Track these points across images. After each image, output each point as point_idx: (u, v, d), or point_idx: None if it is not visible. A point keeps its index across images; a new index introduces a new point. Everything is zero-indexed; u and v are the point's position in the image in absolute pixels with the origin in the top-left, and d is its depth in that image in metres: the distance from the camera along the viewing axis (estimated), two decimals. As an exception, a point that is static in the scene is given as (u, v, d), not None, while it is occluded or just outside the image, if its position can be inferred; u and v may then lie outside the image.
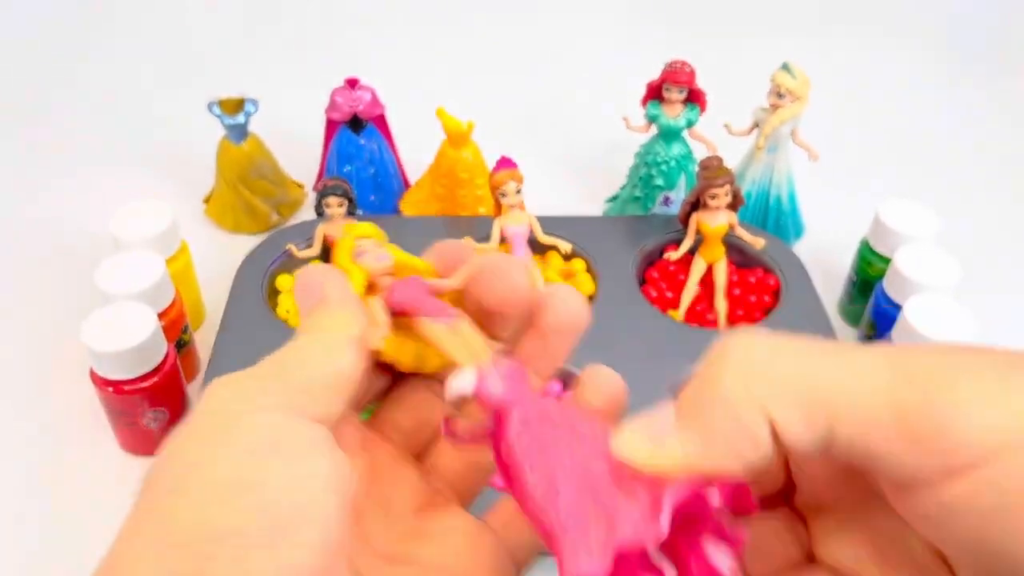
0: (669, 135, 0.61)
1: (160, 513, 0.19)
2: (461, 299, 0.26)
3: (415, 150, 0.67)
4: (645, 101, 0.60)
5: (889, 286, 0.53)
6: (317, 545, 0.19)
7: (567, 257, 0.59)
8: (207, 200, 0.68)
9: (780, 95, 0.59)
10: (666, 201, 0.63)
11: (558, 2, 1.00)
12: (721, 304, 0.56)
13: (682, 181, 0.63)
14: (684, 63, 0.58)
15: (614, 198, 0.67)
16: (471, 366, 0.23)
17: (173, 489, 0.19)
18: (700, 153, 0.62)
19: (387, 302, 0.25)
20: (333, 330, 0.23)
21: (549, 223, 0.60)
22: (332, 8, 0.97)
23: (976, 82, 0.90)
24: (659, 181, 0.62)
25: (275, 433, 0.20)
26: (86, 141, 0.77)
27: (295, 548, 0.18)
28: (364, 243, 0.27)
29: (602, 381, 0.26)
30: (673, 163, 0.62)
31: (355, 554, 0.22)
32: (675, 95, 0.59)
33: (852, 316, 0.60)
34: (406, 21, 0.95)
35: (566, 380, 0.51)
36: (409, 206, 0.66)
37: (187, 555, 0.18)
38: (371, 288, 0.27)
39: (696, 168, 0.58)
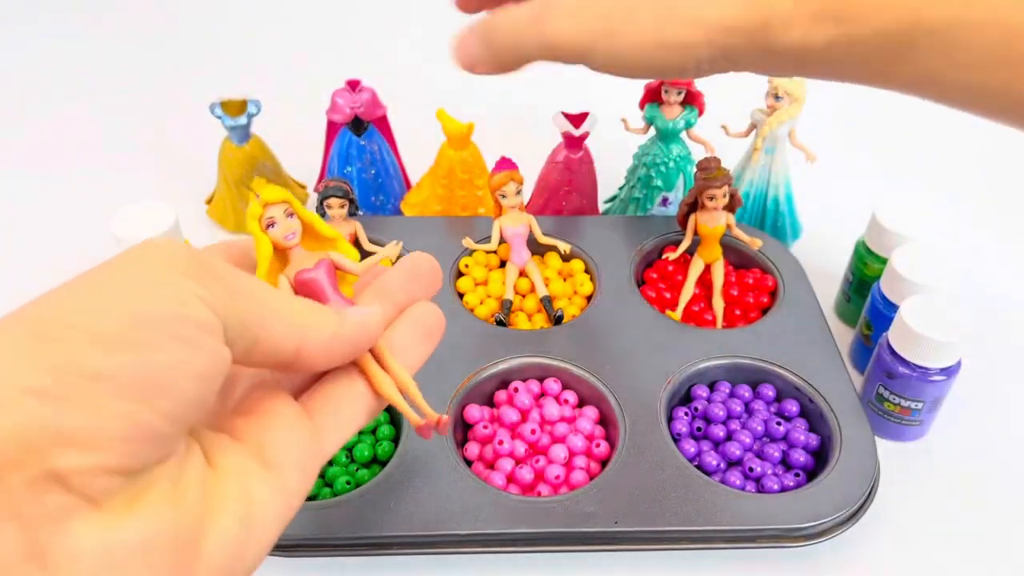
0: (667, 137, 0.61)
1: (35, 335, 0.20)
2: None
3: (416, 151, 0.67)
4: (643, 103, 0.61)
5: (886, 286, 0.53)
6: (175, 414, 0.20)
7: (566, 257, 0.59)
8: (209, 201, 0.68)
9: (777, 97, 0.59)
10: (664, 202, 0.64)
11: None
12: (719, 304, 0.57)
13: (680, 182, 0.63)
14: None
15: (612, 199, 0.68)
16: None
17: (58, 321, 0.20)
18: (698, 154, 0.62)
19: (293, 284, 0.28)
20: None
21: (548, 223, 0.61)
22: (334, 10, 0.98)
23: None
24: (657, 182, 0.63)
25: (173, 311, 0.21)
26: (88, 142, 0.78)
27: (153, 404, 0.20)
28: (274, 212, 0.28)
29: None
30: (671, 164, 0.62)
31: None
32: (673, 97, 0.59)
33: (849, 316, 0.61)
34: (407, 22, 0.96)
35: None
36: (410, 207, 0.66)
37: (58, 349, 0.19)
38: (281, 255, 0.28)
39: (694, 169, 0.58)
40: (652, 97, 0.60)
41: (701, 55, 0.29)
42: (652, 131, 0.62)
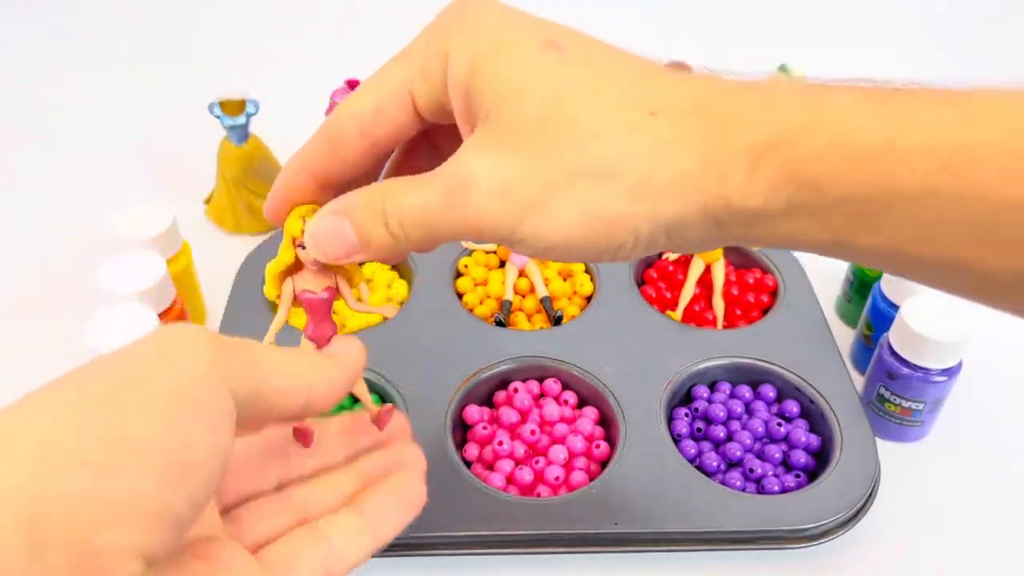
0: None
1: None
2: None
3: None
4: None
5: (886, 286, 0.53)
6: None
7: (566, 257, 0.59)
8: (208, 201, 0.68)
9: (778, 96, 0.59)
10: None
11: (559, 5, 1.01)
12: (719, 304, 0.56)
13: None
14: (682, 64, 0.59)
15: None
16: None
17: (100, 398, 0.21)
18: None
19: (297, 293, 0.32)
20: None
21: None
22: (332, 9, 0.98)
23: (975, 83, 0.90)
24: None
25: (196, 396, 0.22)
26: (87, 142, 0.78)
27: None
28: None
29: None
30: None
31: None
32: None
33: (849, 316, 0.61)
34: (406, 23, 0.95)
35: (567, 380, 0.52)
36: (409, 207, 0.66)
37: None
38: (296, 264, 0.32)
39: None
40: None
41: (641, 230, 0.26)
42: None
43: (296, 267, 0.32)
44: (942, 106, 0.24)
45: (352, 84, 0.62)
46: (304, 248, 0.30)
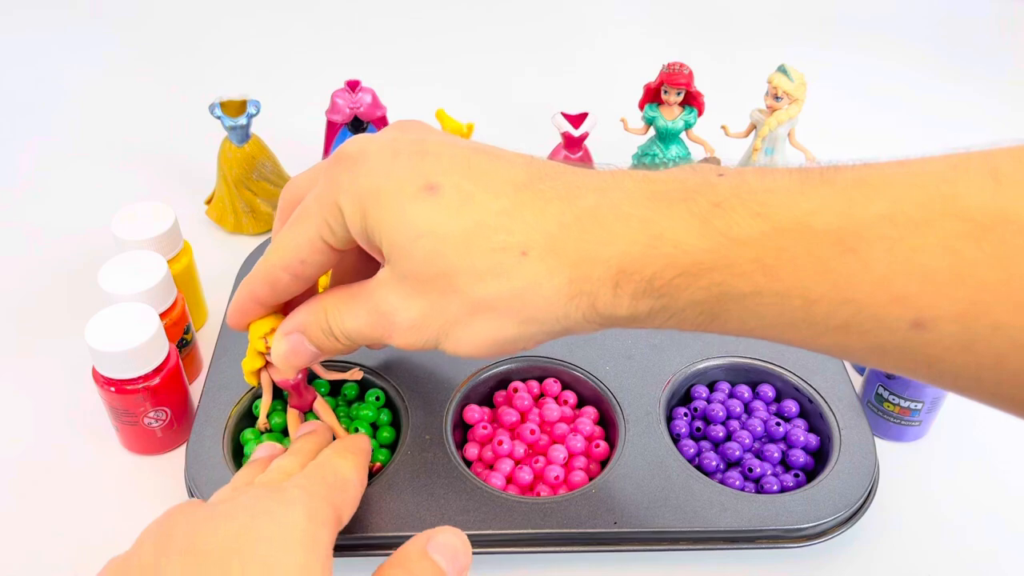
0: (666, 137, 0.61)
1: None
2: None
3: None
4: (643, 103, 0.61)
5: (885, 286, 0.53)
6: None
7: (566, 258, 0.59)
8: (209, 201, 0.68)
9: (777, 97, 0.59)
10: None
11: (558, 5, 1.01)
12: (718, 304, 0.57)
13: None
14: (682, 65, 0.59)
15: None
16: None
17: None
18: (698, 155, 0.62)
19: (273, 379, 0.44)
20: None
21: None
22: (333, 10, 0.98)
23: (974, 83, 0.90)
24: (657, 182, 0.63)
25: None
26: (88, 142, 0.78)
27: None
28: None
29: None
30: (671, 165, 0.62)
31: None
32: (673, 97, 0.59)
33: (849, 316, 0.61)
34: (407, 23, 0.96)
35: (562, 377, 0.52)
36: (409, 207, 0.66)
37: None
38: (266, 366, 0.43)
39: None
40: (652, 97, 0.60)
41: (538, 338, 0.32)
42: (651, 131, 0.62)
43: (266, 365, 0.42)
44: (754, 218, 0.28)
45: (352, 85, 0.63)
46: (270, 359, 0.40)
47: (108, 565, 0.30)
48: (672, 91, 0.59)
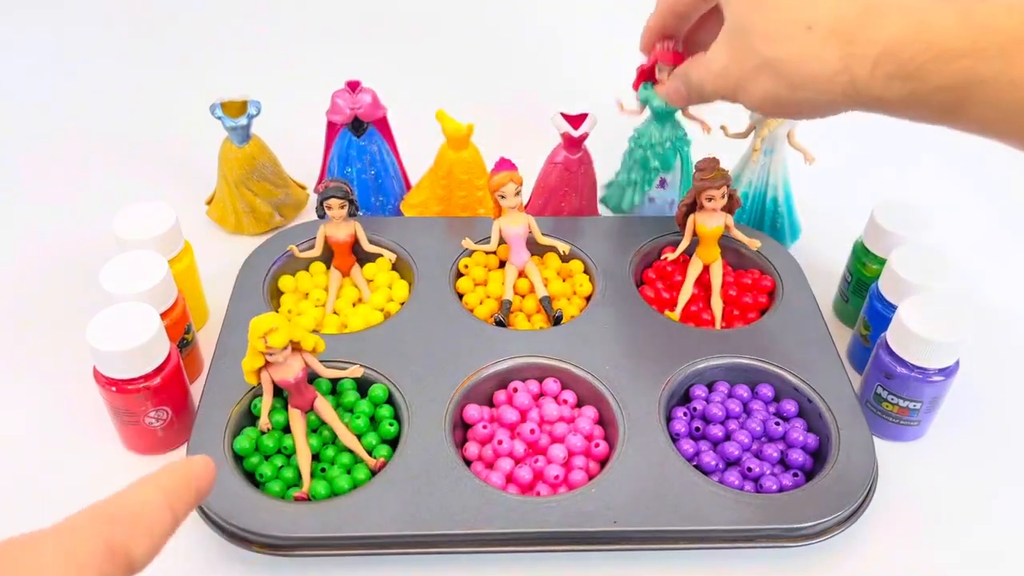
0: (662, 117, 0.61)
1: None
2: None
3: (416, 152, 0.67)
4: (637, 84, 0.60)
5: (884, 286, 0.54)
6: None
7: (565, 258, 0.59)
8: (209, 201, 0.68)
9: (776, 98, 0.59)
10: (662, 183, 0.64)
11: (558, 5, 1.01)
12: (717, 304, 0.57)
13: (677, 163, 0.63)
14: (675, 43, 0.58)
15: (610, 184, 0.68)
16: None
17: None
18: (694, 134, 0.62)
19: (274, 379, 0.47)
20: None
21: (548, 224, 0.61)
22: (334, 10, 0.98)
23: None
24: (655, 163, 0.63)
25: None
26: (89, 143, 0.78)
27: None
28: (276, 356, 0.45)
29: None
30: (668, 144, 0.62)
31: None
32: (666, 76, 0.59)
33: (847, 316, 0.61)
34: (407, 23, 0.96)
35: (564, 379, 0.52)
36: (410, 208, 0.66)
37: None
38: (266, 365, 0.46)
39: (690, 150, 0.58)
40: (646, 78, 0.60)
41: (803, 108, 0.40)
42: (647, 113, 0.62)
43: (266, 364, 0.46)
44: (1008, 13, 0.33)
45: (352, 85, 0.63)
46: (271, 356, 0.45)
47: None
48: (665, 69, 0.58)
